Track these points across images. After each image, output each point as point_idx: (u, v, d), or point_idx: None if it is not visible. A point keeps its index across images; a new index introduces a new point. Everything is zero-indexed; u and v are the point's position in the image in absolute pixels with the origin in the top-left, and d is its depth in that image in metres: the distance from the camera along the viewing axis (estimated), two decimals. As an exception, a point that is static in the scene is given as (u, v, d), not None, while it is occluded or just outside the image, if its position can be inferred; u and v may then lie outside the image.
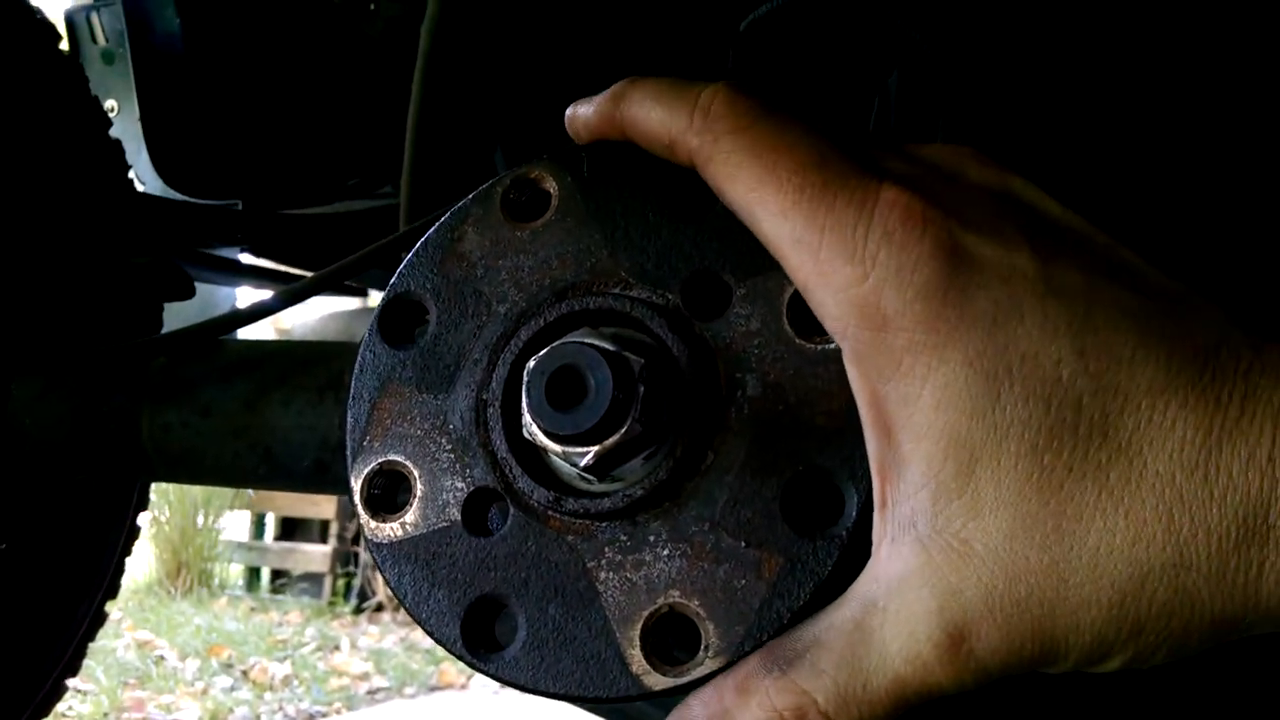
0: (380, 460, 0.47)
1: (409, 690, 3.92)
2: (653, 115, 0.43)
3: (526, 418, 0.42)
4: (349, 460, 0.47)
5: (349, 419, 0.48)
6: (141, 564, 5.59)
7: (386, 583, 0.46)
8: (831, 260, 0.38)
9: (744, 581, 0.41)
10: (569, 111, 0.47)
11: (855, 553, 0.41)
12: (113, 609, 1.43)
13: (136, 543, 1.44)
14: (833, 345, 0.42)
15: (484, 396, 0.46)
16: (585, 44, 1.05)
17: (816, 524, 0.41)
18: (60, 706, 1.44)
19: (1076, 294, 0.36)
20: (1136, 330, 0.36)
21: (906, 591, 0.37)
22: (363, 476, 0.47)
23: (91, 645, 1.41)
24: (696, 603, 0.41)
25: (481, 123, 1.18)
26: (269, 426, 0.88)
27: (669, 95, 0.43)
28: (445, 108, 1.00)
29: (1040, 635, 0.35)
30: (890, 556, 0.37)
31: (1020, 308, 0.36)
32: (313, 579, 5.87)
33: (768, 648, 0.40)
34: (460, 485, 0.45)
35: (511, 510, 0.45)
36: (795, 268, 0.39)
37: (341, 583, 5.74)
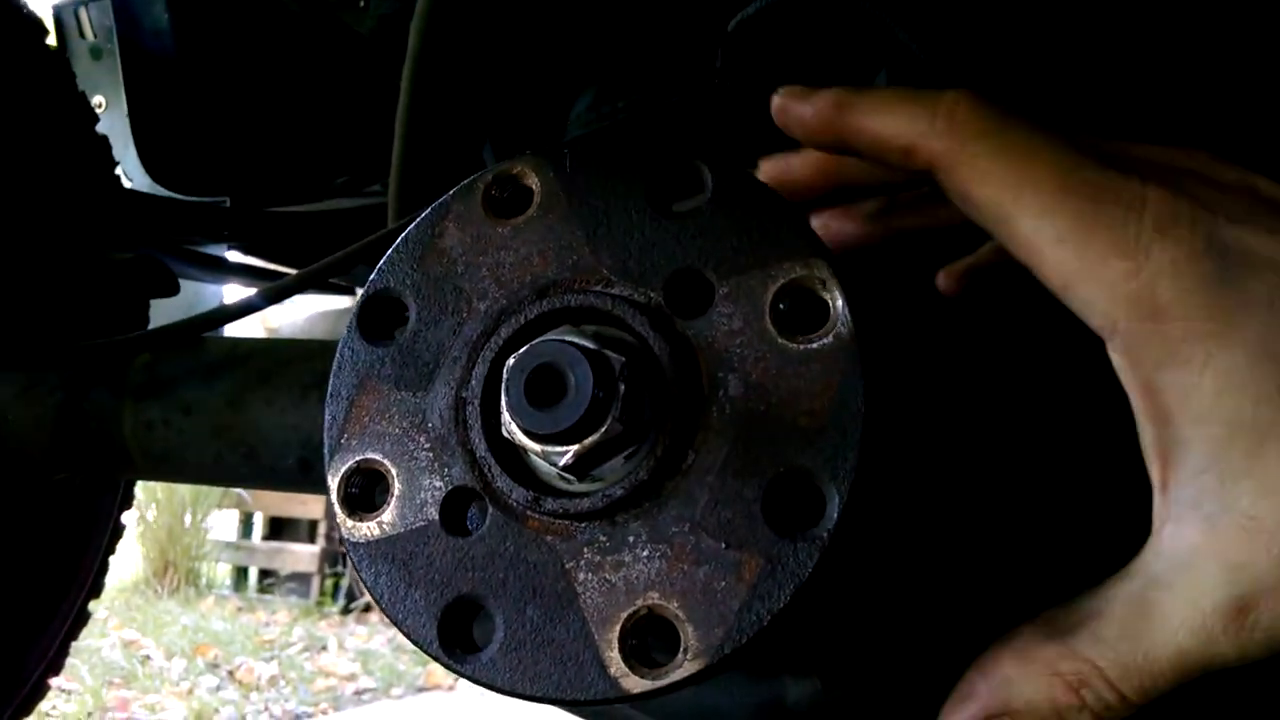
0: (358, 459, 0.46)
1: (396, 691, 3.91)
2: (888, 123, 0.44)
3: (505, 416, 0.42)
4: (326, 458, 0.47)
5: (327, 416, 0.47)
6: (128, 563, 5.57)
7: (363, 583, 0.45)
8: (1101, 256, 0.39)
9: (724, 583, 0.41)
10: (778, 101, 0.47)
11: (836, 554, 0.40)
12: (98, 608, 1.42)
13: (121, 541, 1.43)
14: (815, 345, 0.42)
15: (463, 394, 0.45)
16: (574, 41, 1.05)
17: (797, 525, 0.41)
18: (44, 705, 1.43)
19: None
20: None
21: (1192, 567, 0.38)
22: (340, 475, 0.46)
23: (76, 644, 1.41)
24: (676, 604, 0.41)
25: (470, 119, 1.17)
26: (252, 425, 0.87)
27: (904, 103, 0.44)
28: (434, 105, 1.00)
29: None
30: (1174, 536, 0.39)
31: None
32: (300, 579, 5.85)
33: (1042, 619, 0.41)
34: (438, 484, 0.45)
35: (490, 510, 0.44)
36: (1056, 265, 0.40)
37: (329, 583, 5.72)
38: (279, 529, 6.14)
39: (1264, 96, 0.66)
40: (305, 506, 5.83)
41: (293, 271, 1.60)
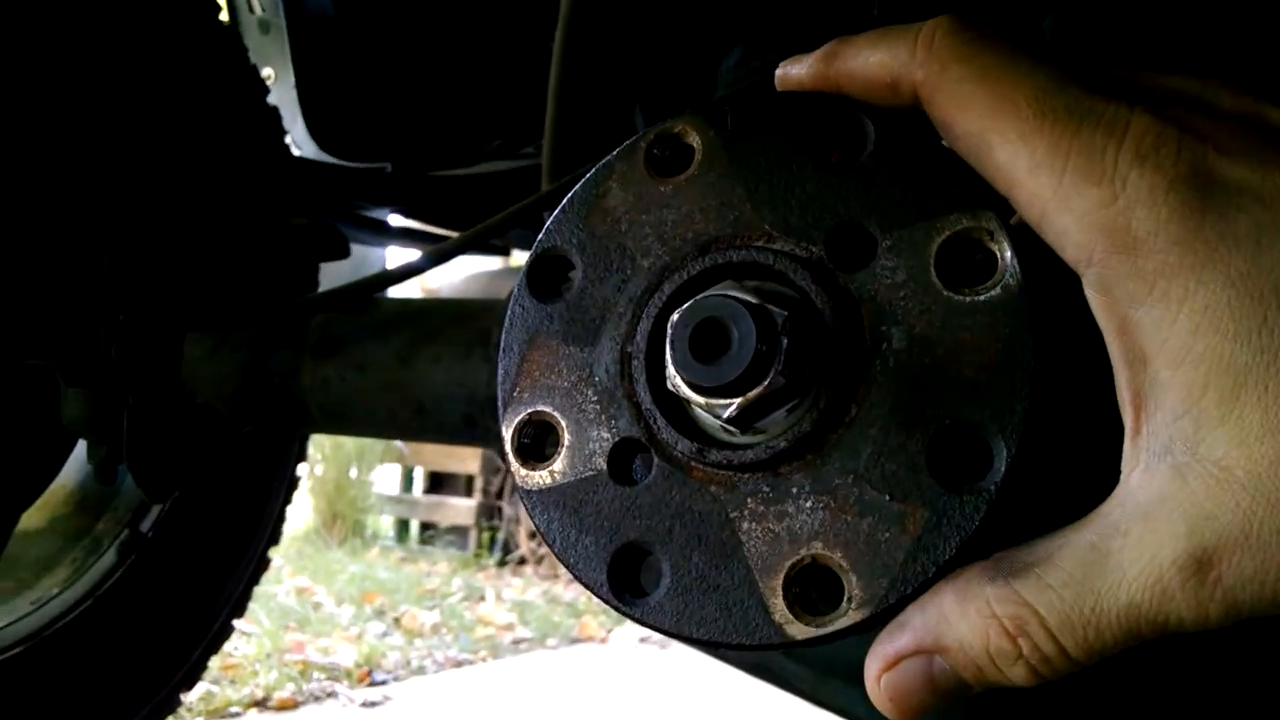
0: (529, 411, 0.48)
1: (551, 642, 4.03)
2: (872, 60, 0.43)
3: (670, 370, 0.43)
4: (500, 410, 0.49)
5: (500, 371, 0.49)
6: (300, 514, 5.86)
7: (535, 528, 0.47)
8: (1076, 184, 0.37)
9: (888, 535, 0.41)
10: (779, 73, 0.47)
11: (1003, 508, 0.40)
12: (275, 556, 1.51)
13: (296, 493, 1.52)
14: (983, 297, 0.41)
15: (628, 349, 0.47)
16: (723, 3, 1.04)
17: (963, 478, 0.41)
18: (227, 646, 1.53)
19: None
20: None
21: (1155, 516, 0.35)
22: (513, 426, 0.48)
23: (256, 589, 1.50)
24: (839, 554, 0.41)
25: (621, 83, 1.18)
26: (420, 381, 0.91)
27: (886, 37, 0.42)
28: (585, 69, 1.01)
29: None
30: (1141, 484, 0.36)
31: None
32: (459, 531, 6.06)
33: (993, 559, 0.39)
34: (606, 435, 0.46)
35: (656, 461, 0.45)
36: (1033, 193, 0.38)
37: (486, 536, 5.91)
38: (438, 483, 6.36)
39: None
40: (463, 462, 6.02)
41: (451, 234, 1.66)
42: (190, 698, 1.66)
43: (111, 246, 1.04)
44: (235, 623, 1.47)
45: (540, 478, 0.47)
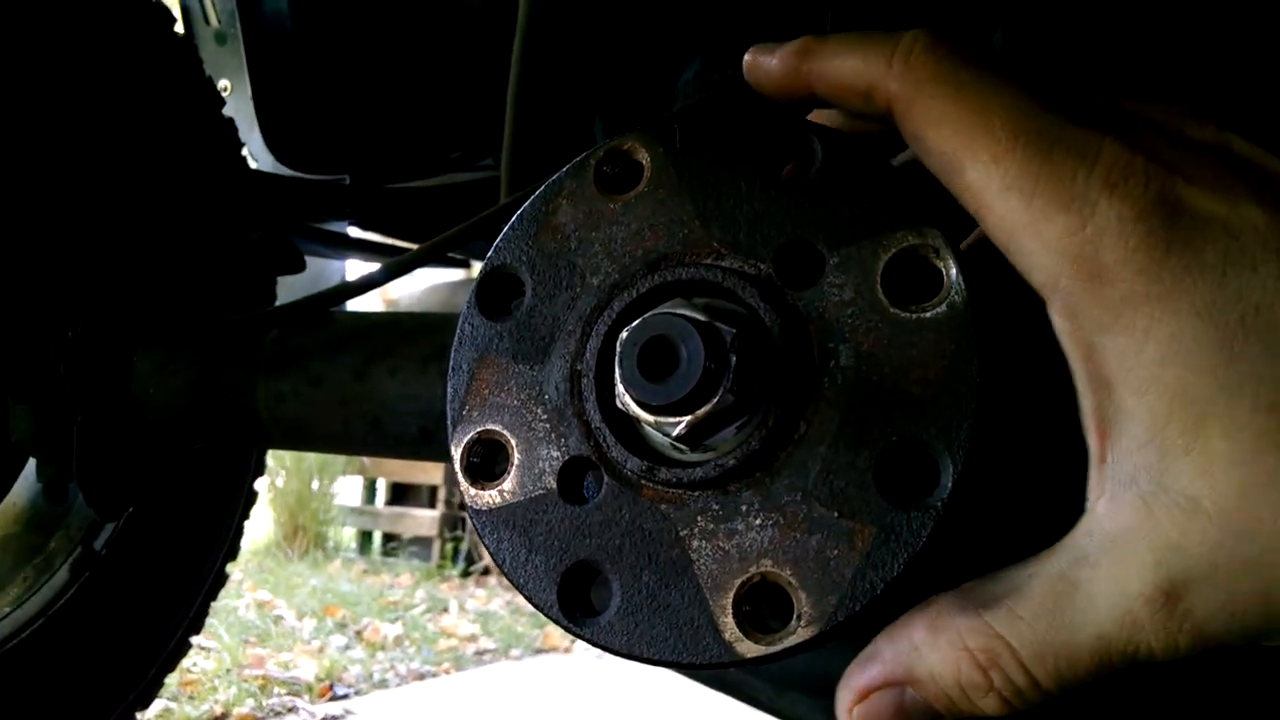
0: (479, 429, 0.48)
1: (515, 653, 4.01)
2: (847, 65, 0.42)
3: (619, 388, 0.43)
4: (449, 429, 0.49)
5: (449, 389, 0.49)
6: (261, 527, 5.80)
7: (486, 548, 0.47)
8: (1046, 209, 0.37)
9: (837, 552, 0.41)
10: (748, 58, 0.46)
11: (950, 524, 0.40)
12: (234, 570, 1.49)
13: (254, 507, 1.50)
14: (929, 314, 0.41)
15: (578, 367, 0.47)
16: (679, 10, 1.04)
17: (911, 494, 0.41)
18: (185, 662, 1.51)
19: None
20: None
21: (1122, 547, 0.36)
22: (462, 445, 0.48)
23: (215, 604, 1.48)
24: (789, 572, 0.42)
25: (580, 93, 1.18)
26: (376, 396, 0.90)
27: (864, 44, 0.42)
28: (544, 79, 1.01)
29: (1268, 599, 0.34)
30: (1107, 513, 0.36)
31: (1253, 259, 0.35)
32: (422, 543, 6.03)
33: (962, 590, 0.39)
34: (556, 454, 0.46)
35: (606, 479, 0.45)
36: (1002, 216, 0.38)
37: (449, 547, 5.87)
38: (401, 494, 6.32)
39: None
40: (426, 473, 5.99)
41: (410, 246, 1.65)
42: (147, 715, 1.64)
43: (60, 260, 1.02)
44: (195, 638, 1.45)
45: (490, 497, 0.47)
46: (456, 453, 0.48)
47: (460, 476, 0.48)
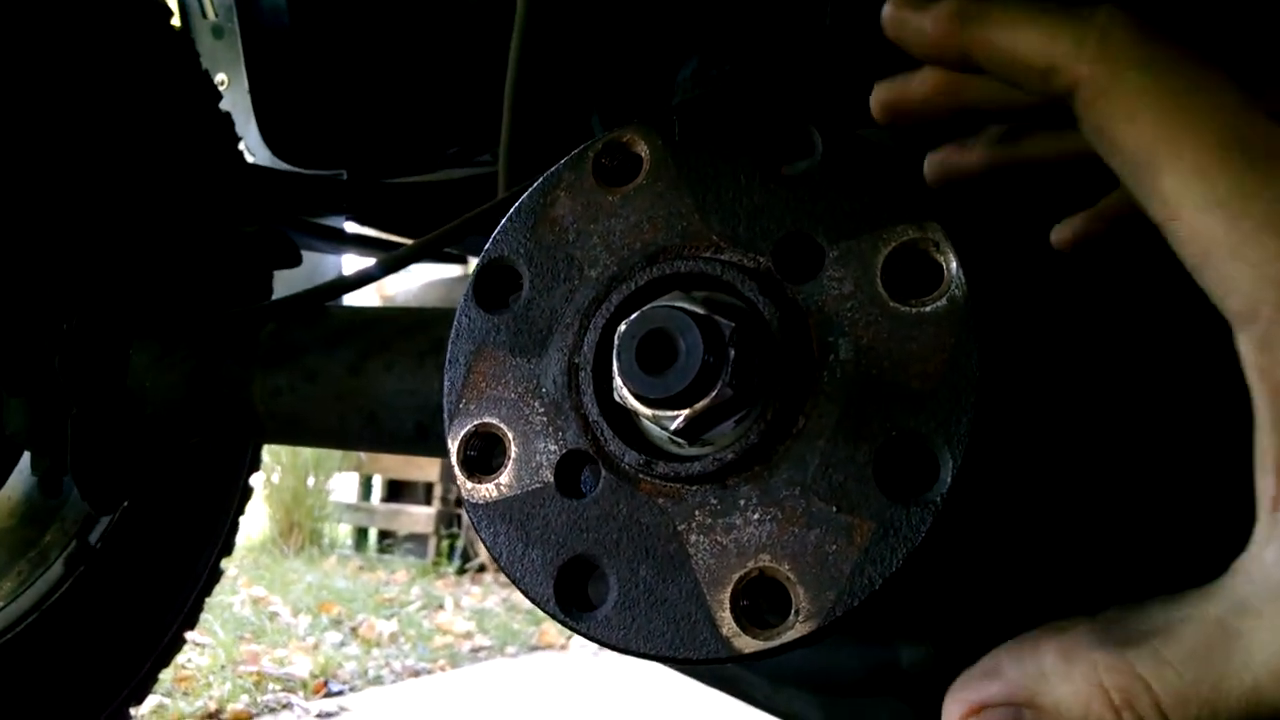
0: (476, 423, 0.48)
1: (510, 650, 4.00)
2: (1026, 38, 0.38)
3: (617, 381, 0.42)
4: (446, 422, 0.48)
5: (446, 382, 0.49)
6: (256, 523, 5.79)
7: (483, 542, 0.47)
8: (1255, 231, 0.34)
9: (835, 547, 0.41)
10: (888, 12, 0.42)
11: (949, 519, 0.40)
12: (229, 566, 1.49)
13: (249, 503, 1.50)
14: (929, 308, 0.41)
15: (576, 360, 0.46)
16: (678, 5, 1.04)
17: (910, 489, 0.41)
18: (180, 658, 1.51)
19: None
20: None
21: None
22: (459, 438, 0.48)
23: (209, 600, 1.48)
24: (787, 567, 0.41)
25: (578, 87, 1.18)
26: (372, 391, 0.90)
27: (1044, 18, 0.38)
28: (542, 74, 1.01)
29: None
30: (1275, 562, 0.34)
31: None
32: (417, 539, 6.02)
33: (1103, 619, 0.37)
34: (553, 448, 0.46)
35: (603, 473, 0.45)
36: (1199, 231, 0.35)
37: (445, 544, 5.87)
38: (397, 491, 6.31)
39: None
40: (422, 470, 5.98)
41: (408, 241, 1.64)
42: (141, 711, 1.64)
43: (56, 253, 1.02)
44: (188, 634, 1.45)
45: (487, 491, 0.47)
46: (453, 446, 0.48)
47: (457, 470, 0.48)
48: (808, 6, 0.86)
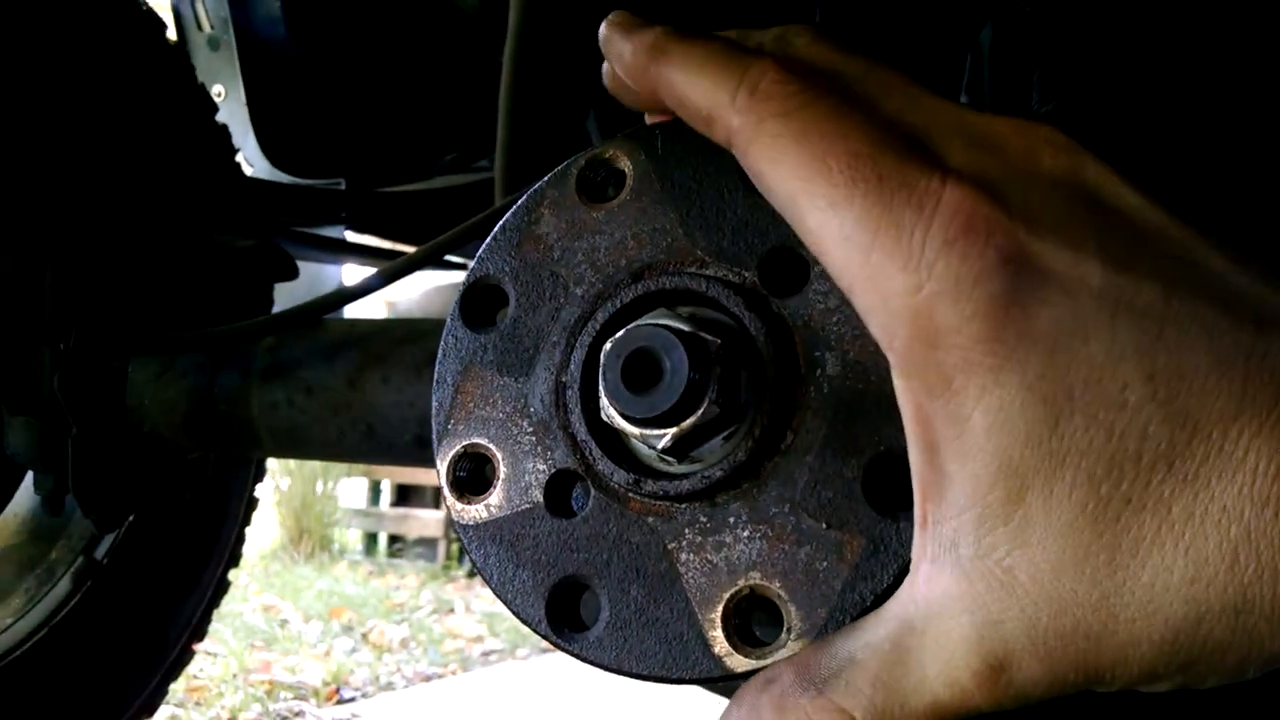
0: (464, 443, 0.47)
1: (521, 652, 4.01)
2: (694, 84, 0.40)
3: (604, 401, 0.42)
4: (434, 443, 0.48)
5: (434, 403, 0.48)
6: (266, 531, 5.81)
7: (473, 564, 0.46)
8: (883, 265, 0.35)
9: (826, 563, 0.41)
10: (603, 30, 0.43)
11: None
12: (239, 575, 1.49)
13: (256, 513, 1.50)
14: None
15: (563, 379, 0.46)
16: (670, 10, 1.04)
17: (899, 504, 0.40)
18: (192, 668, 1.51)
19: (1149, 309, 0.34)
20: (1212, 351, 0.33)
21: (945, 617, 0.35)
22: (448, 459, 0.48)
23: (221, 610, 1.48)
24: (778, 584, 0.41)
25: (573, 90, 1.18)
26: (370, 403, 0.90)
27: (715, 64, 0.40)
28: (537, 79, 1.00)
29: (1084, 667, 0.34)
30: (930, 578, 0.36)
31: (1085, 327, 0.34)
32: (427, 544, 6.03)
33: (799, 664, 0.39)
34: (542, 467, 0.46)
35: (593, 492, 0.45)
36: (841, 267, 0.37)
37: (455, 547, 5.87)
38: (405, 495, 6.32)
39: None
40: (430, 474, 5.94)
41: (408, 249, 1.64)
42: (152, 724, 1.64)
43: (53, 271, 1.02)
44: (198, 645, 1.45)
45: (476, 512, 0.46)
46: (442, 467, 0.48)
47: (446, 491, 0.48)
48: (796, 9, 0.86)
